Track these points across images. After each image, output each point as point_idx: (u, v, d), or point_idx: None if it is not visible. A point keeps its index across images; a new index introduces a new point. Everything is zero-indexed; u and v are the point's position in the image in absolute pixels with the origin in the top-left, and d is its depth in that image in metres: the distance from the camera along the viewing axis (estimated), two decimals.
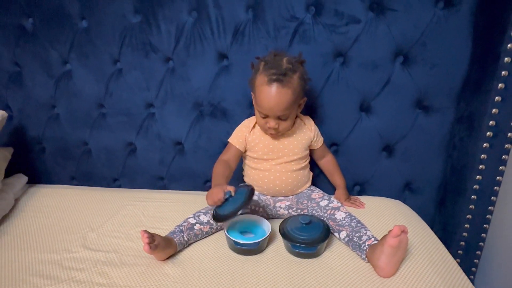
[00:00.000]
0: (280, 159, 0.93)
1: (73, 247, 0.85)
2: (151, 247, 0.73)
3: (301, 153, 0.94)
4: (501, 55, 0.83)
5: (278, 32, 0.98)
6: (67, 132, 1.18)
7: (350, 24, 0.94)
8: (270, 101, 0.83)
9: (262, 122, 0.89)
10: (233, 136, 0.97)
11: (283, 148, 0.93)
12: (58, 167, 1.24)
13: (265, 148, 0.93)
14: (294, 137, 0.94)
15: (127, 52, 1.06)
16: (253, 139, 0.94)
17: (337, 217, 0.86)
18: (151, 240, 0.73)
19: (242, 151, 0.96)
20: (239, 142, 0.95)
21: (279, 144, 0.93)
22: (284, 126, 0.88)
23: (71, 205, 1.06)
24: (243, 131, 0.96)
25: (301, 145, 0.94)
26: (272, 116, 0.85)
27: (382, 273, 0.73)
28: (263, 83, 0.83)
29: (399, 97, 0.99)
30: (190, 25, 1.00)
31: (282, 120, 0.87)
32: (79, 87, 1.12)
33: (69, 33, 1.06)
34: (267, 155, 0.93)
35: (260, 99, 0.85)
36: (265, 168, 0.94)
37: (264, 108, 0.85)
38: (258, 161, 0.95)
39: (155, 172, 1.20)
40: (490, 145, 0.90)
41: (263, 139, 0.94)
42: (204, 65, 1.04)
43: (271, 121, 0.86)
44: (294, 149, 0.93)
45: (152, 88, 1.09)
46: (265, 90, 0.83)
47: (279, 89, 0.82)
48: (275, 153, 0.93)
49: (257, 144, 0.94)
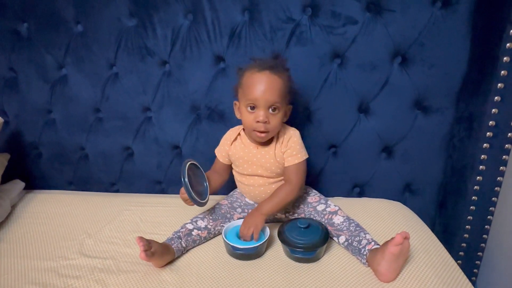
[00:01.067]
0: (260, 175, 0.90)
1: (70, 254, 0.84)
2: (147, 255, 0.72)
3: (279, 170, 0.88)
4: (500, 55, 0.82)
5: (274, 34, 0.97)
6: (63, 137, 1.18)
7: (347, 25, 0.93)
8: (262, 86, 0.79)
9: (250, 119, 0.82)
10: (217, 148, 0.96)
11: (260, 165, 0.88)
12: (55, 172, 1.23)
13: (244, 163, 0.90)
14: (271, 153, 0.87)
15: (123, 56, 1.05)
16: (234, 153, 0.91)
17: (335, 222, 0.85)
18: (147, 247, 0.72)
19: (227, 164, 0.95)
20: (222, 156, 0.94)
21: (257, 161, 0.88)
22: (274, 123, 0.82)
23: (68, 211, 1.05)
24: (224, 144, 0.94)
25: (277, 163, 0.87)
26: (263, 104, 0.80)
27: (383, 278, 0.72)
28: (253, 73, 0.81)
29: (398, 98, 0.98)
30: (186, 28, 1.00)
31: (272, 114, 0.81)
32: (75, 91, 1.11)
33: (64, 38, 1.05)
34: (247, 170, 0.90)
35: (250, 87, 0.80)
36: (248, 183, 0.92)
37: (254, 94, 0.79)
38: (241, 175, 0.93)
39: (153, 176, 1.19)
40: (490, 146, 0.89)
41: (242, 154, 0.90)
42: (200, 68, 1.03)
43: (261, 114, 0.80)
44: (272, 166, 0.88)
45: (148, 92, 1.08)
46: (255, 76, 0.80)
47: (271, 75, 0.80)
48: (254, 170, 0.89)
49: (237, 159, 0.91)
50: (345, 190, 1.11)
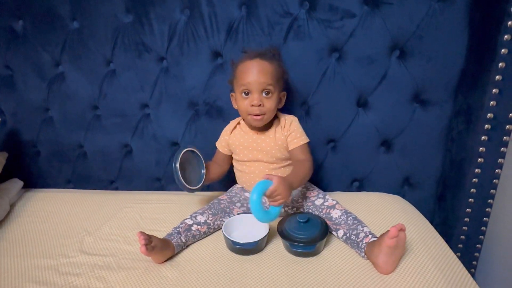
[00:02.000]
0: (261, 160, 0.92)
1: (70, 252, 0.84)
2: (147, 249, 0.72)
3: (279, 154, 0.91)
4: (498, 47, 0.82)
5: (272, 29, 0.96)
6: (61, 135, 1.17)
7: (345, 18, 0.92)
8: (253, 70, 0.84)
9: (245, 104, 0.86)
10: (218, 140, 0.99)
11: (261, 150, 0.91)
12: (53, 170, 1.23)
13: (244, 150, 0.93)
14: (271, 137, 0.90)
15: (120, 53, 1.04)
16: (234, 141, 0.94)
17: (333, 216, 0.85)
18: (147, 242, 0.72)
19: (228, 154, 0.98)
20: (222, 146, 0.98)
21: (257, 146, 0.91)
22: (268, 106, 0.85)
23: (68, 209, 1.05)
24: (224, 134, 0.97)
25: (278, 147, 0.90)
26: (256, 87, 0.84)
27: (382, 270, 0.72)
28: (245, 61, 0.86)
29: (396, 92, 0.98)
30: (183, 23, 0.99)
31: (266, 97, 0.85)
32: (72, 89, 1.11)
33: (60, 35, 1.05)
34: (247, 156, 0.93)
35: (243, 73, 0.85)
36: (249, 170, 0.94)
37: (248, 79, 0.84)
38: (242, 163, 0.95)
39: (152, 173, 1.19)
40: (489, 138, 0.89)
41: (242, 140, 0.93)
42: (198, 64, 1.03)
43: (255, 97, 0.84)
44: (272, 150, 0.90)
45: (146, 88, 1.08)
46: (247, 64, 0.85)
47: (262, 61, 0.85)
48: (254, 155, 0.92)
49: (238, 146, 0.94)
50: (344, 184, 1.11)
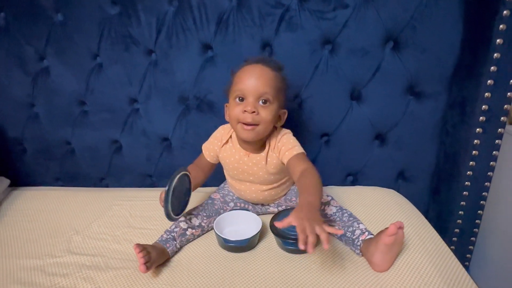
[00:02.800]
0: (252, 182, 0.86)
1: (57, 252, 0.82)
2: (147, 267, 0.68)
3: (273, 178, 0.85)
4: (493, 37, 0.80)
5: (263, 20, 0.94)
6: (48, 131, 1.14)
7: (338, 9, 0.90)
8: (252, 76, 0.75)
9: (237, 110, 0.75)
10: (205, 145, 0.90)
11: (252, 173, 0.84)
12: (41, 168, 1.20)
13: (235, 170, 0.86)
14: (263, 164, 0.82)
15: (106, 46, 1.01)
16: (223, 157, 0.86)
17: (327, 212, 0.83)
18: (147, 259, 0.68)
19: (213, 163, 0.90)
20: (209, 155, 0.89)
21: (248, 169, 0.84)
22: (264, 116, 0.75)
23: (56, 207, 1.02)
24: (214, 144, 0.88)
25: (271, 171, 0.83)
26: (253, 93, 0.74)
27: (377, 268, 0.71)
28: (245, 66, 0.78)
29: (390, 84, 0.96)
30: (171, 15, 0.96)
31: (262, 107, 0.75)
32: (58, 84, 1.07)
33: (44, 28, 1.01)
34: (238, 176, 0.87)
35: (240, 78, 0.76)
36: (239, 188, 0.89)
37: (244, 83, 0.74)
38: (232, 178, 0.90)
39: (142, 170, 1.16)
40: (483, 130, 0.88)
41: (232, 160, 0.84)
42: (188, 57, 1.00)
43: (249, 102, 0.74)
44: (264, 175, 0.84)
45: (134, 82, 1.05)
46: (247, 69, 0.77)
47: (263, 68, 0.76)
48: (245, 177, 0.86)
49: (227, 164, 0.86)
50: (338, 179, 1.10)
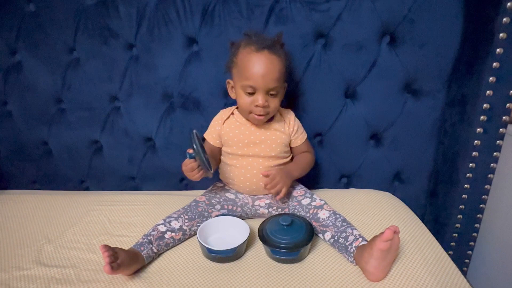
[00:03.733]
0: (257, 155, 0.85)
1: (25, 264, 0.75)
2: (113, 268, 0.62)
3: (279, 149, 0.85)
4: (495, 31, 0.76)
5: (251, 12, 0.88)
6: (22, 131, 1.07)
7: (331, 0, 0.85)
8: (261, 69, 0.75)
9: (247, 103, 0.79)
10: (207, 131, 0.90)
11: (259, 143, 0.84)
12: (16, 170, 1.12)
13: (239, 142, 0.85)
14: (273, 131, 0.85)
15: (83, 39, 0.94)
16: (226, 132, 0.86)
17: (320, 217, 0.78)
18: (112, 259, 0.63)
19: (219, 147, 0.89)
20: (212, 138, 0.89)
21: (255, 139, 0.84)
22: (274, 105, 0.79)
23: (29, 213, 0.95)
24: (214, 125, 0.89)
25: (280, 141, 0.85)
26: (262, 88, 0.76)
27: (372, 277, 0.66)
28: (250, 52, 0.76)
29: (387, 81, 0.91)
30: (152, 6, 0.89)
31: (271, 97, 0.78)
32: (31, 80, 1.00)
33: (14, 19, 0.94)
34: (242, 150, 0.85)
35: (248, 70, 0.76)
36: (241, 165, 0.85)
37: (254, 78, 0.75)
38: (233, 156, 0.86)
39: (124, 172, 1.09)
40: (484, 130, 0.84)
41: (237, 132, 0.85)
42: (171, 52, 0.93)
43: (260, 97, 0.77)
44: (272, 144, 0.84)
45: (115, 79, 0.98)
46: (254, 57, 0.76)
47: (270, 56, 0.76)
48: (250, 148, 0.84)
49: (231, 138, 0.85)
50: (332, 181, 1.04)
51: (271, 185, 0.78)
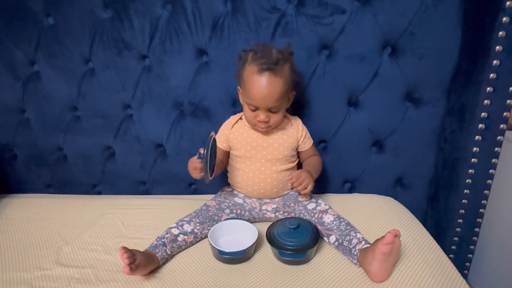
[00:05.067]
0: (264, 158, 0.88)
1: (45, 264, 0.79)
2: (131, 269, 0.66)
3: (287, 152, 0.89)
4: (492, 44, 0.79)
5: (259, 25, 0.92)
6: (39, 137, 1.11)
7: (335, 14, 0.89)
8: (261, 91, 0.78)
9: (251, 116, 0.84)
10: (217, 134, 0.94)
11: (267, 147, 0.88)
12: (32, 175, 1.17)
13: (248, 145, 0.88)
14: (280, 135, 0.89)
15: (98, 51, 0.99)
16: (235, 136, 0.90)
17: (325, 221, 0.82)
18: (131, 261, 0.67)
19: (227, 151, 0.93)
20: (221, 142, 0.92)
21: (263, 142, 0.88)
22: (275, 120, 0.84)
23: (46, 216, 0.99)
24: (224, 129, 0.93)
25: (288, 144, 0.89)
26: (263, 107, 0.81)
27: (375, 278, 0.70)
28: (253, 73, 0.79)
29: (388, 90, 0.95)
30: (165, 19, 0.94)
31: (273, 113, 0.82)
32: (49, 89, 1.05)
33: (34, 32, 0.98)
34: (250, 153, 0.89)
35: (250, 90, 0.80)
36: (249, 169, 0.89)
37: (254, 99, 0.80)
38: (241, 160, 0.90)
39: (136, 177, 1.14)
40: (482, 138, 0.87)
41: (246, 136, 0.89)
42: (182, 62, 0.98)
43: (261, 114, 0.81)
44: (280, 147, 0.88)
45: (128, 88, 1.03)
46: (256, 79, 0.79)
47: (271, 79, 0.78)
48: (258, 152, 0.88)
49: (240, 141, 0.89)
50: (336, 186, 1.08)
51: (298, 182, 0.82)
